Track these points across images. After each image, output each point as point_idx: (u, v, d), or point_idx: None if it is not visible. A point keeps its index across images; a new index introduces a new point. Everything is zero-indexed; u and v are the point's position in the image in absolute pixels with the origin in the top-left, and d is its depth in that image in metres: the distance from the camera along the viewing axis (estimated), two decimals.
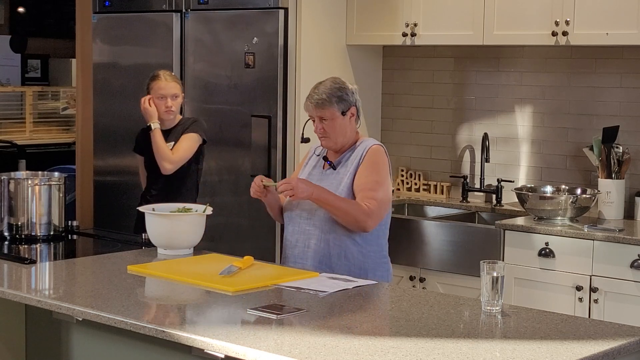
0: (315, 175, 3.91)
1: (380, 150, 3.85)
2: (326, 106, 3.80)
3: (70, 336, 3.62)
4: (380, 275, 3.84)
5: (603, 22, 4.79)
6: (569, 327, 2.99)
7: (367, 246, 3.83)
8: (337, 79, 3.88)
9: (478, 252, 4.85)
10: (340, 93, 3.82)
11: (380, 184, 3.79)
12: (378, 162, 3.82)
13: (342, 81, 3.88)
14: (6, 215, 4.31)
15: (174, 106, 4.86)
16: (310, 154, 4.05)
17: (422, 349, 2.72)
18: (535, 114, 5.43)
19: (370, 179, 3.78)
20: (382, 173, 3.82)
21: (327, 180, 3.86)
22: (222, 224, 5.43)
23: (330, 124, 3.80)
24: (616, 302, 4.54)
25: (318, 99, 3.80)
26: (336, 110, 3.80)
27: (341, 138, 3.84)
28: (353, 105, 3.85)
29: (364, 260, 3.83)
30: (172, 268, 3.71)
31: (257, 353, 2.68)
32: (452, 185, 5.72)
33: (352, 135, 3.88)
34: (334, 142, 3.85)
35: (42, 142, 9.30)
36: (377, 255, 3.87)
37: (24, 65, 10.38)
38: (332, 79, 3.88)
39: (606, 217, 4.93)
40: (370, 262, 3.84)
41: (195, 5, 5.72)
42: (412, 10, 5.43)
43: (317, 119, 3.83)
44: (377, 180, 3.79)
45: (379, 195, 3.77)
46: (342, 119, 3.82)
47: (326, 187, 3.81)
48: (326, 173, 3.89)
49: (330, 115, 3.80)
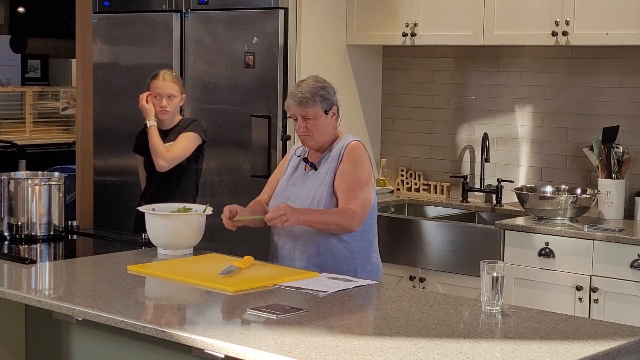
0: (298, 178, 3.91)
1: (358, 146, 3.83)
2: (310, 105, 3.78)
3: (70, 336, 3.62)
4: (370, 270, 3.83)
5: (603, 22, 4.79)
6: (569, 327, 2.99)
7: (354, 242, 3.83)
8: (319, 78, 3.88)
9: (478, 252, 4.85)
10: (323, 92, 3.81)
11: (362, 182, 3.78)
12: (357, 159, 3.80)
13: (323, 80, 3.87)
14: (6, 215, 4.31)
15: (169, 106, 4.85)
16: (291, 155, 4.03)
17: (422, 349, 2.72)
18: (535, 114, 5.42)
19: (351, 177, 3.77)
20: (363, 170, 3.80)
21: (310, 181, 3.86)
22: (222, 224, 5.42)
23: (313, 122, 3.79)
24: (616, 302, 4.54)
25: (302, 97, 3.78)
26: (319, 109, 3.79)
27: (323, 137, 3.83)
28: (334, 104, 3.84)
29: (350, 256, 3.83)
30: (172, 268, 3.70)
31: (257, 353, 2.68)
32: (452, 185, 5.72)
33: (332, 134, 3.87)
34: (316, 141, 3.84)
35: (42, 142, 9.31)
36: (364, 250, 3.87)
37: (24, 65, 10.39)
38: (314, 78, 3.87)
39: (606, 217, 4.93)
40: (358, 258, 3.84)
41: (195, 5, 5.72)
42: (412, 10, 5.43)
43: (300, 118, 3.81)
44: (358, 177, 3.78)
45: (362, 194, 3.76)
46: (325, 117, 3.81)
47: (309, 188, 3.82)
48: (308, 175, 3.88)
49: (314, 114, 3.78)
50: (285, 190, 3.92)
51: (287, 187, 3.92)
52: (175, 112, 4.94)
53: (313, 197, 3.81)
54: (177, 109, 4.94)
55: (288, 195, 3.89)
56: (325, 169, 3.84)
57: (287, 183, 3.93)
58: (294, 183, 3.90)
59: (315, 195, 3.81)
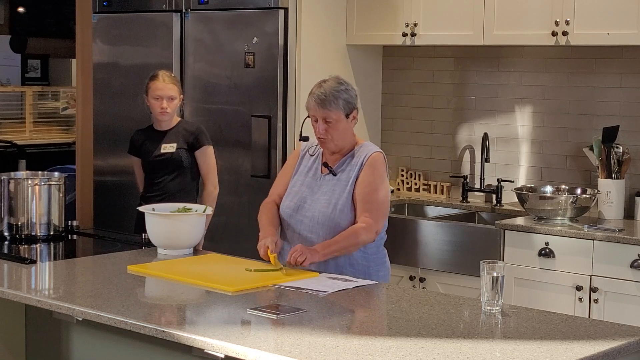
0: (313, 180, 3.83)
1: (380, 158, 3.78)
2: (332, 107, 3.68)
3: (70, 336, 3.62)
4: (383, 275, 3.83)
5: (603, 22, 4.79)
6: (569, 327, 2.99)
7: (369, 250, 3.80)
8: (342, 79, 3.77)
9: (478, 252, 4.85)
10: (346, 95, 3.71)
11: (379, 193, 3.74)
12: (378, 171, 3.75)
13: (346, 81, 3.77)
14: (6, 215, 4.31)
15: (169, 108, 4.85)
16: (302, 153, 3.94)
17: (422, 349, 2.72)
18: (535, 114, 5.42)
19: (369, 188, 3.72)
20: (382, 182, 3.76)
21: (326, 186, 3.79)
22: (222, 224, 5.43)
23: (334, 125, 3.70)
24: (616, 302, 4.54)
25: (325, 98, 3.68)
26: (342, 112, 3.70)
27: (342, 141, 3.76)
28: (356, 107, 3.76)
29: (367, 264, 3.80)
30: (172, 268, 3.70)
31: (257, 353, 2.68)
32: (452, 185, 5.72)
33: (352, 138, 3.81)
34: (335, 145, 3.76)
35: (42, 142, 9.30)
36: (377, 255, 3.85)
37: (24, 65, 10.38)
38: (336, 79, 3.76)
39: (606, 217, 4.93)
40: (373, 265, 3.82)
41: (195, 5, 5.72)
42: (412, 10, 5.42)
43: (321, 120, 3.71)
44: (376, 189, 3.73)
45: (377, 205, 3.72)
46: (346, 121, 3.73)
47: (330, 194, 3.75)
48: (325, 178, 3.81)
49: (336, 117, 3.69)
50: (300, 192, 3.83)
51: (302, 188, 3.84)
52: (175, 113, 4.95)
53: (335, 204, 3.74)
54: (176, 110, 4.94)
55: (304, 197, 3.81)
56: (346, 176, 3.77)
57: (302, 184, 3.85)
58: (310, 185, 3.83)
59: (337, 203, 3.74)
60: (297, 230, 3.80)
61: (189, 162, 4.91)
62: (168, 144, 4.89)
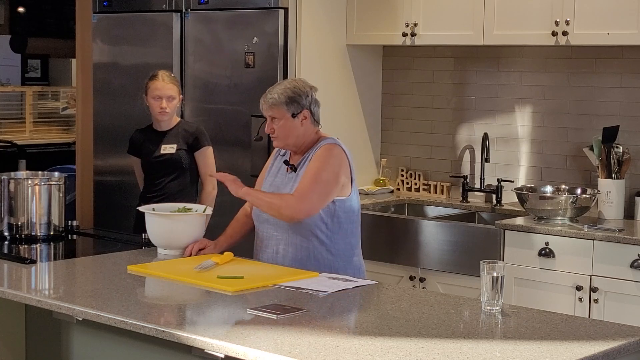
0: (280, 179, 3.92)
1: (330, 147, 3.82)
2: (276, 107, 3.81)
3: (70, 336, 3.62)
4: (352, 273, 3.80)
5: (603, 22, 4.79)
6: (569, 327, 3.00)
7: (335, 245, 3.83)
8: (296, 81, 3.90)
9: (478, 252, 4.85)
10: (292, 95, 3.81)
11: (319, 178, 3.74)
12: (323, 158, 3.79)
13: (300, 83, 3.87)
14: (6, 215, 4.31)
15: (168, 108, 4.86)
16: (275, 155, 4.04)
17: (422, 349, 2.72)
18: (535, 114, 5.42)
19: (310, 172, 3.77)
20: (326, 168, 3.76)
21: (289, 183, 3.86)
22: (222, 224, 5.42)
23: (279, 124, 3.81)
24: (616, 302, 4.54)
25: (270, 98, 3.83)
26: (286, 111, 3.80)
27: (291, 139, 3.83)
28: (306, 108, 3.82)
29: (333, 259, 3.83)
30: (172, 268, 3.70)
31: (257, 353, 2.68)
32: (452, 185, 5.72)
33: (309, 136, 3.86)
34: (284, 143, 3.85)
35: (42, 142, 9.31)
36: (346, 254, 3.86)
37: (24, 65, 10.38)
38: (290, 80, 3.92)
39: (606, 217, 4.93)
40: (340, 261, 3.84)
41: (195, 5, 5.72)
42: (412, 10, 5.42)
43: (269, 119, 3.85)
44: (316, 173, 3.75)
45: (309, 185, 3.73)
46: (292, 121, 3.81)
47: (289, 190, 3.81)
48: (288, 176, 3.89)
49: (280, 115, 3.81)
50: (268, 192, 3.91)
51: (271, 188, 3.92)
52: (174, 113, 4.94)
53: None
54: (175, 110, 4.94)
55: None
56: (303, 171, 3.83)
57: (271, 184, 3.94)
58: (277, 185, 3.91)
59: None
60: (264, 229, 3.90)
61: (188, 163, 4.91)
62: (168, 144, 4.89)
